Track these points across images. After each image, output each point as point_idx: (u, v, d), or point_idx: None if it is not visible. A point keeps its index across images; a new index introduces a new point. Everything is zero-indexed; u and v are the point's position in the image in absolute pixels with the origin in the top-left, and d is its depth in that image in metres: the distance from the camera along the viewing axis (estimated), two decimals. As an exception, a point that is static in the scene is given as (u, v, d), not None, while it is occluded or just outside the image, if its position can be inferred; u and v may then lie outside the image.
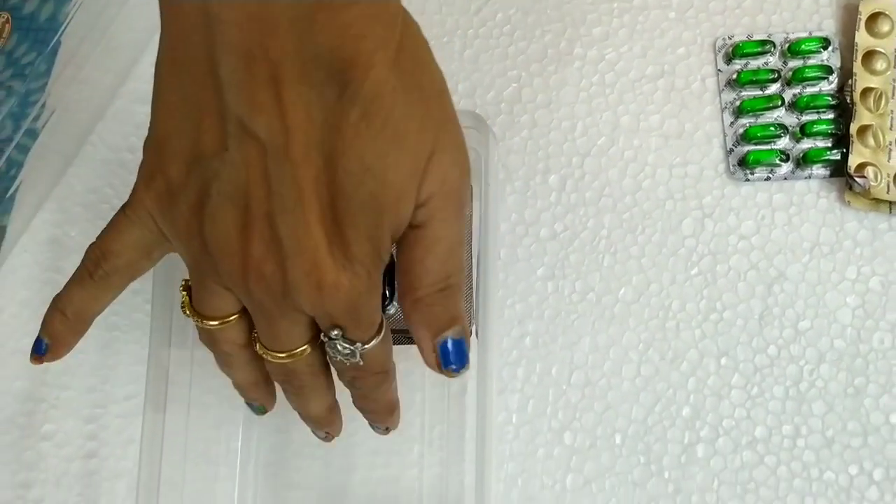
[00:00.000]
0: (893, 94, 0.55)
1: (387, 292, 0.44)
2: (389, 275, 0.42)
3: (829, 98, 0.56)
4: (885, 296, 0.53)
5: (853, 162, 0.54)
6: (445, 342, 0.39)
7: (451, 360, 0.40)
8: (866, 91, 0.55)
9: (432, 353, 0.40)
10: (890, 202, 0.54)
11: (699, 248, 0.55)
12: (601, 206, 0.56)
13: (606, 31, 0.58)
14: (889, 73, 0.55)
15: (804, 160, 0.55)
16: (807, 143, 0.55)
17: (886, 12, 0.56)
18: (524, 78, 0.58)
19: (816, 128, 0.55)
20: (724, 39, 0.57)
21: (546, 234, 0.55)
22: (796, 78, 0.56)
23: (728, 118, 0.56)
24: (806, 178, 0.55)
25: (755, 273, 0.54)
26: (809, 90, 0.56)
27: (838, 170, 0.55)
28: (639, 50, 0.58)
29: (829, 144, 0.55)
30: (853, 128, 0.54)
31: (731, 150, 0.56)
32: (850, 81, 0.55)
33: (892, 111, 0.55)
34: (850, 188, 0.54)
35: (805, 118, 0.56)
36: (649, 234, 0.55)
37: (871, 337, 0.53)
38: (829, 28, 0.57)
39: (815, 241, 0.54)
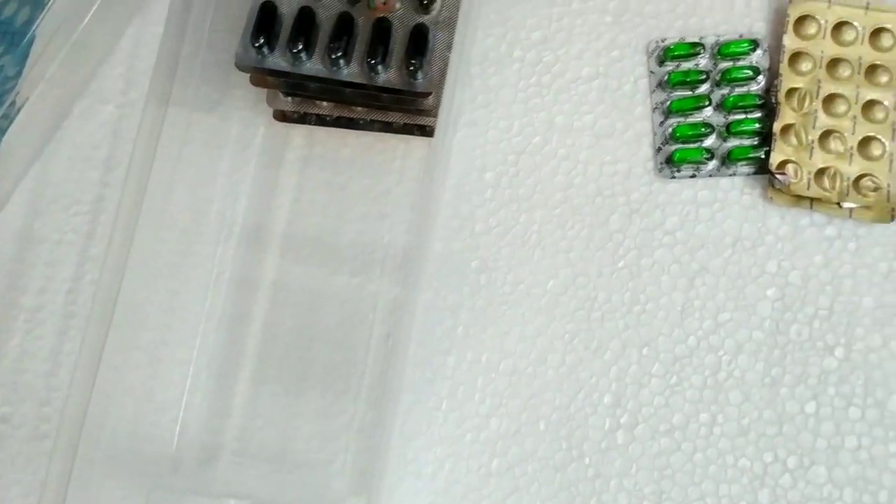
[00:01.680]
0: (818, 95, 0.56)
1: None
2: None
3: (757, 98, 0.57)
4: (804, 289, 0.55)
5: (775, 159, 0.56)
6: None
7: None
8: (791, 91, 0.56)
9: None
10: (811, 198, 0.55)
11: (626, 242, 0.57)
12: (534, 202, 0.58)
13: (545, 35, 0.60)
14: (814, 73, 0.57)
15: (729, 158, 0.57)
16: (733, 142, 0.57)
17: (813, 15, 0.57)
18: (465, 80, 0.60)
19: (742, 127, 0.57)
20: (656, 42, 0.59)
21: (480, 228, 0.58)
22: (725, 79, 0.58)
23: (658, 118, 0.58)
24: (731, 175, 0.57)
25: (678, 267, 0.56)
26: (738, 90, 0.58)
27: (762, 167, 0.56)
28: (575, 52, 0.60)
29: (755, 143, 0.57)
30: (776, 126, 0.56)
31: (660, 149, 0.58)
32: (776, 82, 0.57)
33: (815, 110, 0.56)
34: (773, 185, 0.56)
35: (732, 117, 0.57)
36: (578, 230, 0.57)
37: (789, 329, 0.54)
38: (760, 31, 0.59)
39: (737, 236, 0.56)
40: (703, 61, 0.59)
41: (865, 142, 0.55)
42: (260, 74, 0.54)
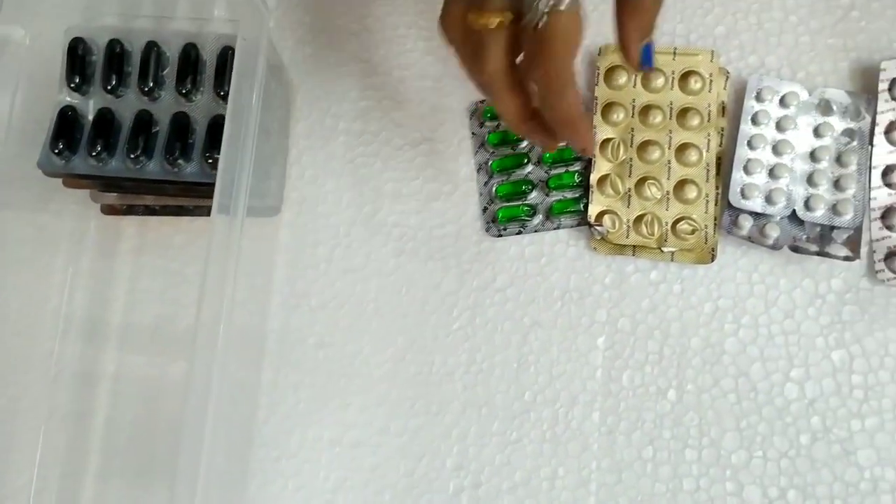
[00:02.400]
0: (632, 143, 0.58)
1: None
2: None
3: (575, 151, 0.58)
4: (633, 335, 0.56)
5: (593, 211, 0.57)
6: (648, 46, 0.45)
7: (649, 61, 0.46)
8: (605, 142, 0.58)
9: (637, 54, 0.45)
10: (633, 246, 0.56)
11: (459, 303, 0.57)
12: (368, 272, 0.58)
13: (369, 105, 0.61)
14: (627, 122, 0.58)
15: (552, 212, 0.57)
16: (555, 196, 0.58)
17: (623, 65, 0.59)
18: (293, 155, 0.61)
19: (562, 181, 0.58)
20: (476, 104, 0.60)
21: (316, 303, 0.58)
22: (544, 134, 0.59)
23: (482, 178, 0.59)
24: (555, 228, 0.58)
25: (511, 323, 0.56)
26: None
27: (584, 219, 0.57)
28: (399, 119, 0.61)
29: (577, 195, 0.58)
30: (593, 178, 0.57)
31: (486, 208, 0.58)
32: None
33: (630, 159, 0.57)
34: (594, 236, 0.57)
35: (553, 172, 0.58)
36: (413, 295, 0.58)
37: (622, 376, 0.55)
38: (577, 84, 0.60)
39: (565, 289, 0.57)
40: (522, 119, 0.59)
41: (681, 185, 0.57)
42: (66, 178, 0.54)
